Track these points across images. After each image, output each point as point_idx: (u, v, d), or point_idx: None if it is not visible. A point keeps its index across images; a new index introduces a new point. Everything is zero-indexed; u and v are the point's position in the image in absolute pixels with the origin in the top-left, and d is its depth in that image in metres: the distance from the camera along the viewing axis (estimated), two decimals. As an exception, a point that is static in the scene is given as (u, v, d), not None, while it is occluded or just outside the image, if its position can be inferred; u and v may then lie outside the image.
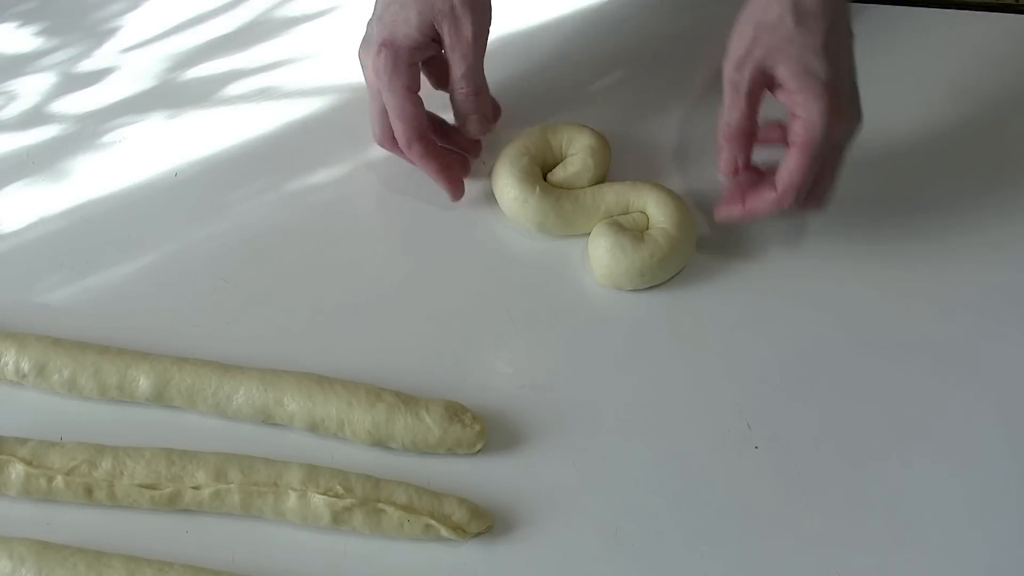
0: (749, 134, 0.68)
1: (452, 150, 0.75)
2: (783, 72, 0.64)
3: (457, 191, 0.74)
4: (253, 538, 0.62)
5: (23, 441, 0.63)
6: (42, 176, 0.77)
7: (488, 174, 0.75)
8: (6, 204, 0.76)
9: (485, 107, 0.73)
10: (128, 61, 0.84)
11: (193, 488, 0.61)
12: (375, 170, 0.77)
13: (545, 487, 0.64)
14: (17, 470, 0.62)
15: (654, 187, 0.72)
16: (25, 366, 0.66)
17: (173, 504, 0.62)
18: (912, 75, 0.82)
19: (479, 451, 0.64)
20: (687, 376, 0.68)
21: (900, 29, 0.84)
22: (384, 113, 0.72)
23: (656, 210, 0.71)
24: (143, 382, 0.65)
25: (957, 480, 0.64)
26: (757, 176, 0.69)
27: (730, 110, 0.67)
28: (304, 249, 0.74)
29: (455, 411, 0.64)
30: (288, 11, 0.87)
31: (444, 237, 0.74)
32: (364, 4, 0.84)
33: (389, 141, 0.73)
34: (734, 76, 0.66)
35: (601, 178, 0.74)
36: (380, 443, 0.64)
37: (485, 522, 0.62)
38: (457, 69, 0.70)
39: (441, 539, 0.61)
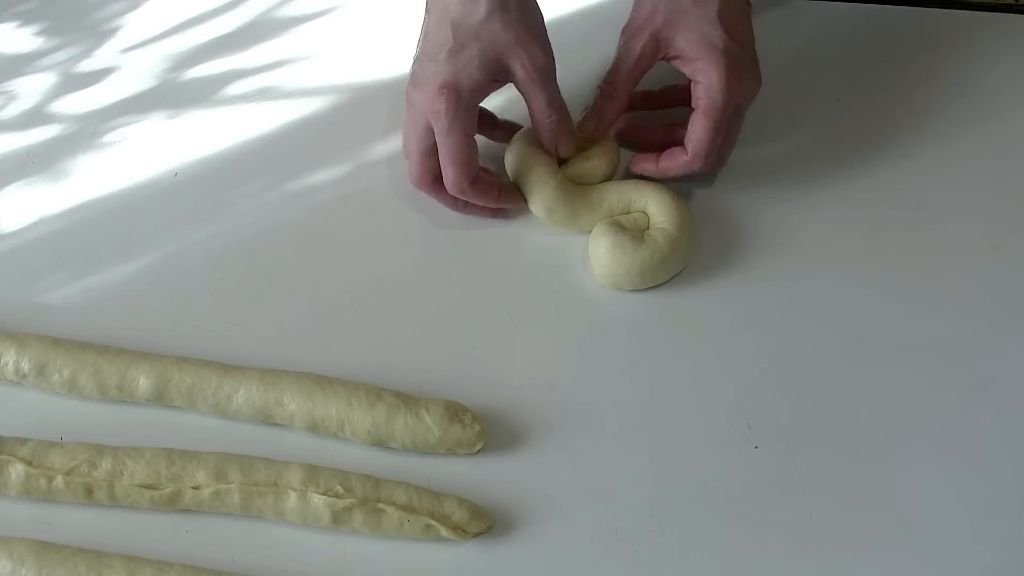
0: (624, 99, 0.71)
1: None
2: (682, 42, 0.68)
3: (519, 205, 0.73)
4: (253, 538, 0.62)
5: (23, 441, 0.63)
6: (42, 176, 0.77)
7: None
8: (6, 204, 0.76)
9: (570, 126, 0.71)
10: (128, 61, 0.84)
11: (193, 488, 0.61)
12: (375, 170, 0.77)
13: (545, 487, 0.64)
14: (17, 470, 0.62)
15: (656, 187, 0.72)
16: (25, 366, 0.66)
17: (173, 504, 0.62)
18: (912, 75, 0.82)
19: (479, 451, 0.64)
20: (687, 376, 0.68)
21: (900, 29, 0.84)
22: (429, 154, 0.69)
23: (657, 209, 0.71)
24: (143, 382, 0.65)
25: (956, 480, 0.64)
26: (665, 135, 0.74)
27: (614, 71, 0.71)
28: (304, 249, 0.74)
29: (455, 411, 0.64)
30: (288, 11, 0.87)
31: (444, 237, 0.74)
32: (364, 4, 0.84)
33: (429, 184, 0.71)
34: (628, 43, 0.70)
35: (609, 177, 0.74)
36: (380, 443, 0.64)
37: (485, 522, 0.62)
38: (539, 100, 0.68)
39: (441, 539, 0.61)
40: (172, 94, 0.82)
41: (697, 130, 0.68)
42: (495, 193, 0.71)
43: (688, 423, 0.66)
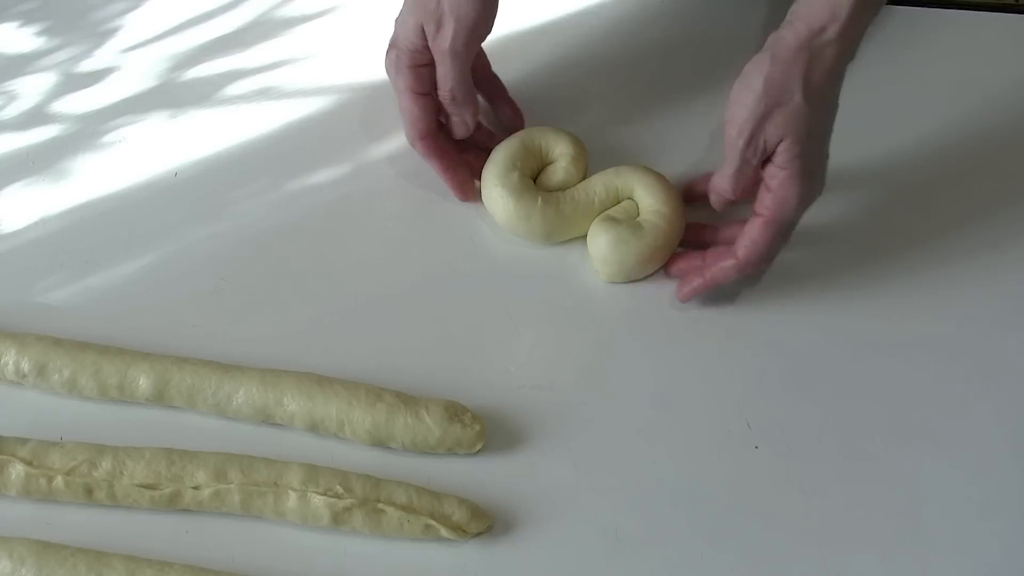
0: (731, 200, 0.68)
1: (467, 149, 0.75)
2: (783, 148, 0.62)
3: (461, 192, 0.74)
4: (253, 538, 0.62)
5: (23, 441, 0.63)
6: (42, 176, 0.77)
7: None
8: (6, 204, 0.76)
9: (465, 112, 0.72)
10: (128, 61, 0.84)
11: (193, 488, 0.61)
12: (375, 170, 0.77)
13: (545, 487, 0.64)
14: (17, 470, 0.62)
15: (636, 169, 0.72)
16: (25, 366, 0.66)
17: (173, 504, 0.62)
18: (912, 75, 0.82)
19: (479, 451, 0.65)
20: (687, 376, 0.68)
21: (900, 29, 0.84)
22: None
23: (644, 192, 0.71)
24: (143, 382, 0.65)
25: (957, 479, 0.64)
26: (711, 232, 0.71)
27: (735, 178, 0.65)
28: (304, 249, 0.74)
29: (455, 411, 0.64)
30: (288, 11, 0.87)
31: (444, 237, 0.74)
32: (364, 4, 0.84)
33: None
34: (744, 150, 0.63)
35: (583, 177, 0.74)
36: (380, 443, 0.64)
37: (485, 522, 0.62)
38: (437, 71, 0.71)
39: (441, 539, 0.61)
40: (172, 94, 0.82)
41: (755, 236, 0.65)
42: (447, 161, 0.74)
43: (688, 423, 0.66)
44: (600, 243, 0.70)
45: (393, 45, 0.71)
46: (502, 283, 0.72)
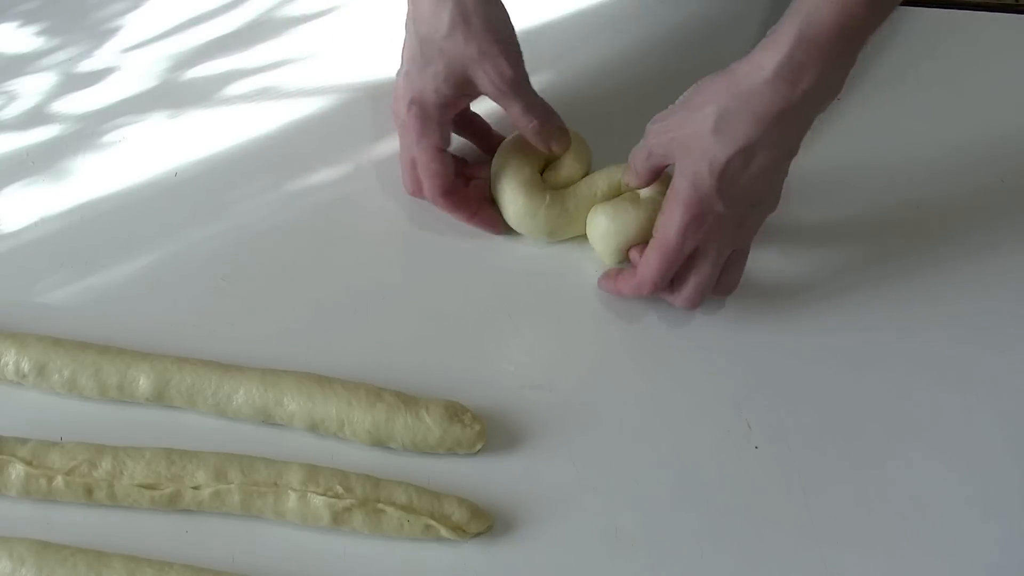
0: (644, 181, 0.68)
1: (479, 185, 0.74)
2: (675, 171, 0.63)
3: (495, 227, 0.73)
4: (253, 538, 0.62)
5: (23, 441, 0.63)
6: (42, 176, 0.77)
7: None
8: (6, 204, 0.76)
9: (557, 122, 0.70)
10: (129, 61, 0.84)
11: (193, 488, 0.61)
12: (375, 170, 0.77)
13: (545, 487, 0.64)
14: (17, 470, 0.62)
15: None
16: (25, 366, 0.66)
17: (173, 504, 0.62)
18: (912, 75, 0.82)
19: (479, 451, 0.64)
20: (687, 376, 0.68)
21: (900, 29, 0.84)
22: (414, 165, 0.71)
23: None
24: (143, 382, 0.65)
25: (957, 479, 0.64)
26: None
27: (636, 155, 0.67)
28: (304, 249, 0.74)
29: (455, 411, 0.64)
30: (288, 11, 0.87)
31: (444, 237, 0.74)
32: (364, 4, 0.84)
33: (419, 192, 0.72)
34: (639, 165, 0.67)
35: (586, 174, 0.73)
36: (380, 443, 0.64)
37: (485, 522, 0.62)
38: (514, 109, 0.68)
39: (441, 539, 0.61)
40: (172, 94, 0.82)
41: (648, 258, 0.66)
42: (471, 209, 0.72)
43: (688, 423, 0.66)
44: (600, 220, 0.70)
45: (414, 101, 0.67)
46: (502, 283, 0.72)
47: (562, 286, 0.72)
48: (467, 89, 0.68)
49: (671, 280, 0.67)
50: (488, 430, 0.65)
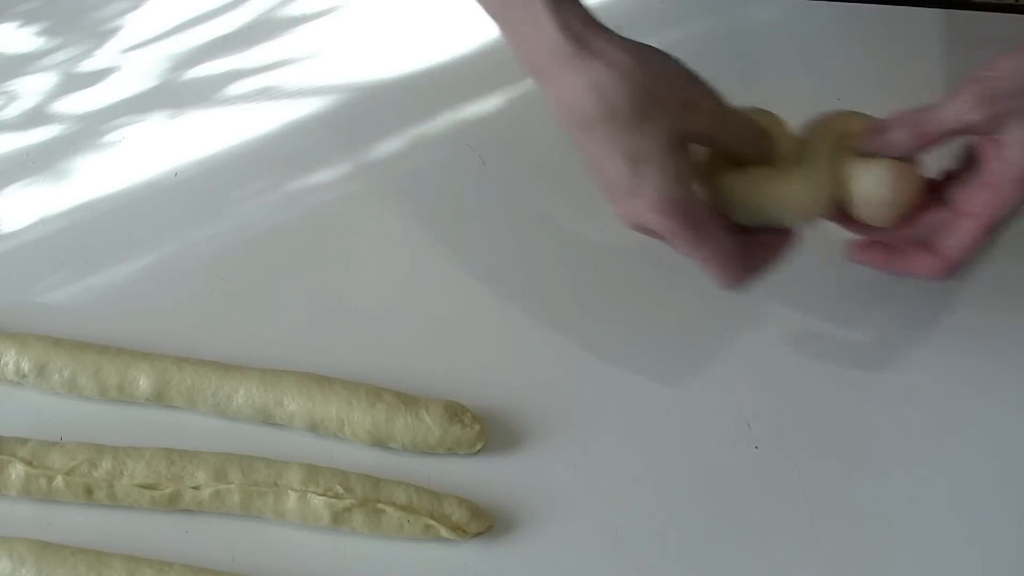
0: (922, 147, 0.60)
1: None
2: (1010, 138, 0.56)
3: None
4: (253, 538, 0.62)
5: (23, 441, 0.63)
6: (42, 176, 0.77)
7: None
8: (6, 204, 0.76)
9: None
10: (128, 61, 0.84)
11: (193, 488, 0.61)
12: (375, 170, 0.77)
13: (545, 487, 0.64)
14: (17, 470, 0.62)
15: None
16: (25, 366, 0.66)
17: (173, 504, 0.62)
18: (912, 75, 0.82)
19: (479, 451, 0.64)
20: (687, 376, 0.68)
21: (900, 29, 0.84)
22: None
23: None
24: (143, 382, 0.65)
25: (957, 480, 0.64)
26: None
27: (931, 116, 0.58)
28: (304, 249, 0.74)
29: (455, 411, 0.64)
30: (288, 11, 0.87)
31: (444, 237, 0.74)
32: (364, 4, 0.84)
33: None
34: (964, 105, 0.57)
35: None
36: (380, 443, 0.64)
37: (485, 522, 0.62)
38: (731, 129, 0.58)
39: (441, 539, 0.61)
40: (172, 94, 0.82)
41: (963, 236, 0.58)
42: (770, 254, 0.61)
43: (688, 423, 0.66)
44: (885, 179, 0.59)
45: (665, 203, 0.54)
46: (502, 283, 0.72)
47: (563, 286, 0.72)
48: (689, 138, 0.56)
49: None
50: (488, 430, 0.65)
